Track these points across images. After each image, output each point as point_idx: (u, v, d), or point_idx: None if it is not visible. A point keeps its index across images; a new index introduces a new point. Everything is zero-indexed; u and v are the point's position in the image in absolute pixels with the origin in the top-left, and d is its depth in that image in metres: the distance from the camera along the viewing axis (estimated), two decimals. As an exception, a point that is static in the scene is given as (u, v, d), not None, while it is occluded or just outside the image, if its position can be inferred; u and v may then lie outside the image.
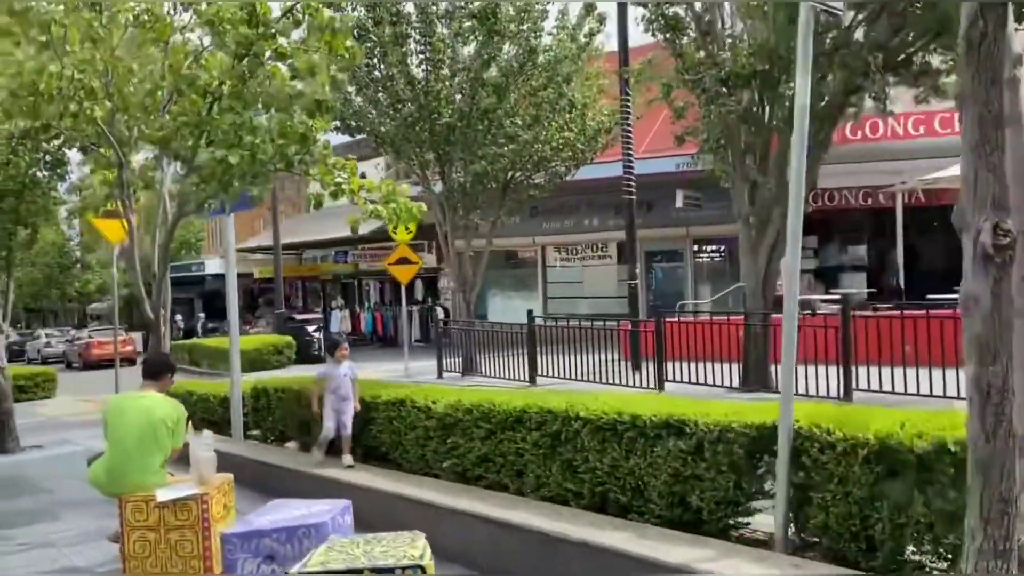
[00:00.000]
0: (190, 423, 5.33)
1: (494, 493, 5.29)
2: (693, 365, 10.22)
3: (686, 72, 9.78)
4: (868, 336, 8.59)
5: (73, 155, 10.96)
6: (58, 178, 10.71)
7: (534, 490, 5.18)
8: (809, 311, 10.35)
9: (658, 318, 10.60)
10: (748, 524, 4.23)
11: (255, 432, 8.71)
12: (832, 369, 8.62)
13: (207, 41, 5.94)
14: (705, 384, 9.91)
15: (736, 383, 9.99)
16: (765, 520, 4.19)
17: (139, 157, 6.47)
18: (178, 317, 30.83)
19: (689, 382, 10.17)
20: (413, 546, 3.62)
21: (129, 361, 26.72)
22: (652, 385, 10.47)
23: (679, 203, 18.42)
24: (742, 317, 10.60)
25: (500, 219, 14.85)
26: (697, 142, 10.40)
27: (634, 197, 13.11)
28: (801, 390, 8.84)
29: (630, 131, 13.01)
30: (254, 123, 5.13)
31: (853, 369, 8.55)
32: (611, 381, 11.18)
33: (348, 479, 6.05)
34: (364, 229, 24.52)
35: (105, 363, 26.38)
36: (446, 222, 14.83)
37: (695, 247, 20.74)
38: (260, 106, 5.35)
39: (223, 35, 5.30)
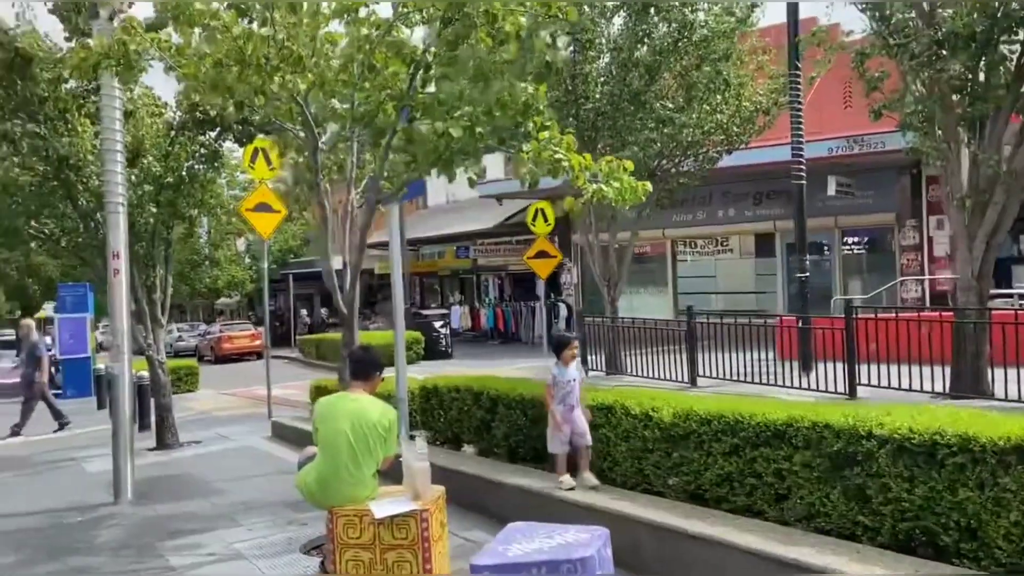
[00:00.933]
0: (402, 428, 4.78)
1: (759, 523, 4.47)
2: (882, 368, 9.11)
3: (890, 36, 8.65)
4: None
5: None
6: (214, 171, 10.58)
7: (803, 519, 4.35)
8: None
9: (848, 314, 9.49)
10: None
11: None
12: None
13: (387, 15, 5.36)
14: (906, 389, 8.79)
15: (941, 388, 8.81)
16: None
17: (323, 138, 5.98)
18: (303, 312, 31.42)
19: (882, 386, 9.08)
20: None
21: (257, 355, 27.40)
22: (835, 389, 9.42)
23: (831, 190, 17.04)
24: (951, 314, 9.38)
25: (647, 210, 13.94)
26: (897, 116, 9.23)
27: (804, 182, 11.96)
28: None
29: (800, 109, 11.87)
30: (470, 93, 4.51)
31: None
32: (781, 383, 10.23)
33: (564, 496, 5.37)
34: (489, 222, 23.85)
35: (235, 357, 27.09)
36: (591, 213, 14.05)
37: (842, 239, 19.27)
38: (471, 74, 4.72)
39: (433, -6, 4.70)
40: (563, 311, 24.29)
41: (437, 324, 21.30)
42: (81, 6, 8.58)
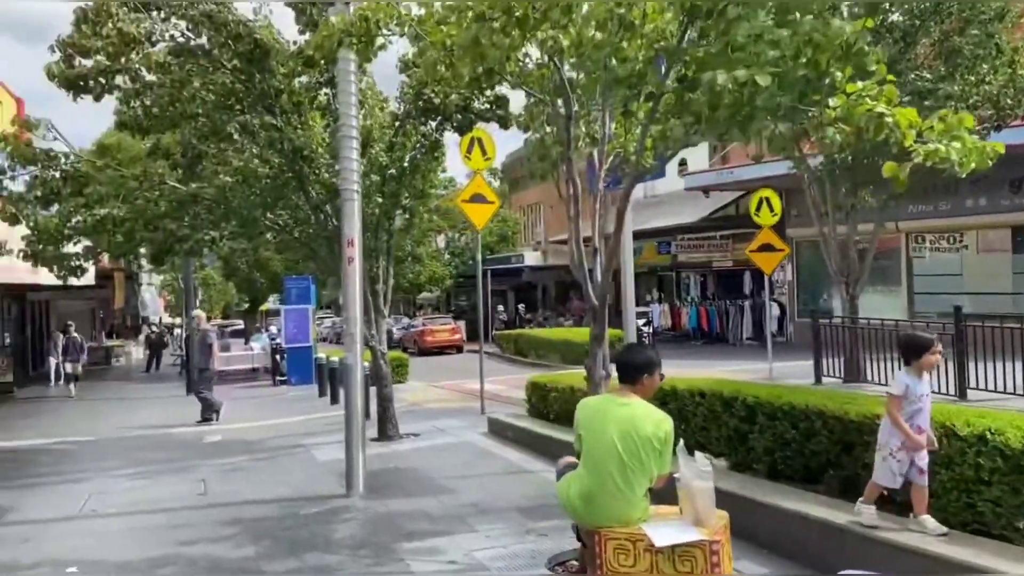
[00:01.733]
0: (680, 442, 4.05)
1: None
2: None
3: None
4: None
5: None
6: (435, 161, 10.45)
7: None
8: None
9: None
10: None
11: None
12: None
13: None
14: None
15: None
16: None
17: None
18: (499, 308, 31.71)
19: None
20: None
21: (457, 348, 27.92)
22: None
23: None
24: None
25: (892, 198, 12.25)
26: None
27: (1110, 159, 9.87)
28: None
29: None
30: (776, 33, 3.67)
31: None
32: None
33: (865, 532, 4.39)
34: (692, 216, 22.39)
35: (436, 350, 27.73)
36: (827, 202, 12.61)
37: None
38: (774, 12, 3.87)
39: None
40: (775, 311, 22.51)
41: (639, 322, 20.39)
42: (316, -2, 8.66)
